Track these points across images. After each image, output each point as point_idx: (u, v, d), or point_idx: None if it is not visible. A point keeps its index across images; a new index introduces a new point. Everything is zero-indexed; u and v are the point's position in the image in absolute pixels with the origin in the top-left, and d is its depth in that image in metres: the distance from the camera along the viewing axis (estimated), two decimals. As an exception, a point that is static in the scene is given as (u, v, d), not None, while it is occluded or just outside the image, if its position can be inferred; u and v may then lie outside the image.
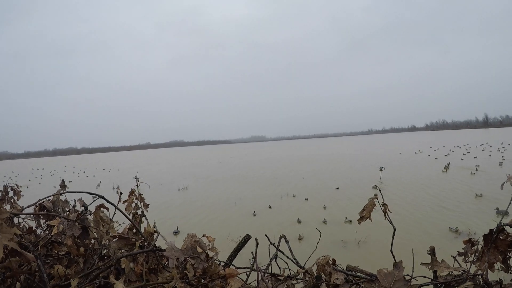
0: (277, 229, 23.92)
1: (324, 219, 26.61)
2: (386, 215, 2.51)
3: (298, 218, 27.33)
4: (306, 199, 34.98)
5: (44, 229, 2.93)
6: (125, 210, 2.98)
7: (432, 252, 2.49)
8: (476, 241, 2.29)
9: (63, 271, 2.27)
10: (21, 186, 3.67)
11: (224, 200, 37.70)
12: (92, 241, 2.49)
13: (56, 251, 2.57)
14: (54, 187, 51.88)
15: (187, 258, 2.31)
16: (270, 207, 32.63)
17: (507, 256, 2.12)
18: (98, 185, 59.17)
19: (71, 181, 64.43)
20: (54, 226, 2.39)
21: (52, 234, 2.47)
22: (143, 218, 3.02)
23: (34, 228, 2.82)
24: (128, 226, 2.67)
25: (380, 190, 2.89)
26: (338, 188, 40.43)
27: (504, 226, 2.11)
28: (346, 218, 26.06)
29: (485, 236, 2.17)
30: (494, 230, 2.12)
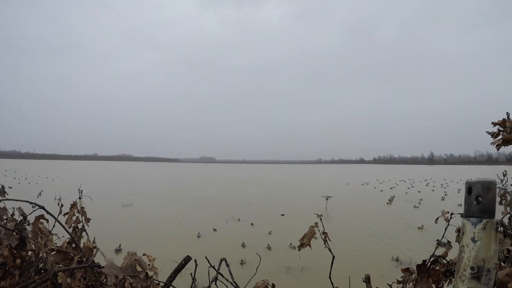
0: (221, 252, 23.64)
1: (268, 244, 26.59)
2: (326, 243, 2.57)
3: (243, 242, 27.18)
4: (252, 224, 34.93)
5: None
6: (66, 223, 2.89)
7: (367, 280, 2.56)
8: (414, 269, 2.39)
9: (-1, 283, 2.16)
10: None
11: (169, 220, 37.04)
12: (29, 253, 2.39)
13: None
14: (-9, 193, 49.34)
15: (126, 277, 2.25)
16: (215, 229, 32.30)
17: (440, 286, 2.22)
18: (40, 194, 56.86)
19: (11, 187, 61.45)
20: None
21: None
22: (84, 233, 2.93)
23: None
24: (67, 240, 2.59)
25: (321, 219, 2.97)
26: (283, 215, 40.63)
27: (437, 257, 2.23)
28: (290, 244, 26.18)
29: (418, 266, 2.28)
30: (427, 260, 2.23)
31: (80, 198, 3.24)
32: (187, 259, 2.68)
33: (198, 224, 34.65)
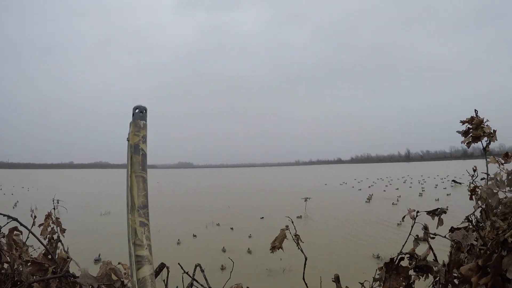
0: (202, 258, 23.58)
1: (249, 248, 26.61)
2: (299, 245, 2.63)
3: (223, 247, 27.14)
4: (231, 228, 34.91)
5: None
6: (41, 234, 2.87)
7: (336, 280, 2.62)
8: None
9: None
10: None
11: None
12: (5, 265, 2.37)
13: None
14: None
15: (101, 286, 2.25)
16: (194, 235, 32.18)
17: (411, 282, 2.28)
18: (15, 205, 55.67)
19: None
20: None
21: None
22: (59, 243, 2.91)
23: None
24: (43, 252, 2.58)
25: (292, 222, 3.02)
26: (263, 218, 40.71)
27: (404, 255, 2.29)
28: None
29: (386, 264, 2.34)
30: (395, 258, 2.29)
31: (55, 208, 3.22)
32: (162, 266, 2.69)
33: (178, 230, 34.45)
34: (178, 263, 2.82)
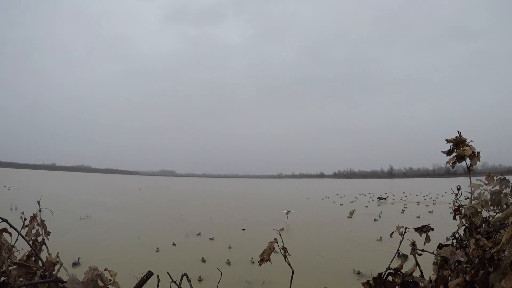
0: (180, 267, 23.27)
1: (228, 259, 26.47)
2: (286, 258, 2.64)
3: (203, 257, 27.00)
4: (211, 239, 34.72)
5: None
6: (26, 236, 2.85)
7: None
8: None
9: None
10: None
11: (128, 233, 36.47)
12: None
13: None
14: None
15: (88, 291, 2.25)
16: (174, 244, 31.96)
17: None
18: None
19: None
20: None
21: None
22: (44, 246, 2.90)
23: None
24: (27, 253, 2.56)
25: (280, 235, 3.02)
26: (244, 229, 40.63)
27: (392, 270, 2.33)
28: (251, 258, 26.15)
29: (374, 278, 2.38)
30: (383, 273, 2.32)
31: (40, 210, 3.20)
32: (149, 274, 2.68)
33: (158, 238, 34.18)
34: (167, 272, 2.81)
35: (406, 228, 2.54)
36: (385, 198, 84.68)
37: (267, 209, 64.76)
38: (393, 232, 2.58)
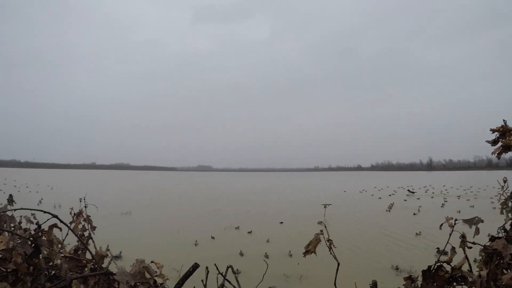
0: (218, 261, 23.49)
1: (266, 253, 26.46)
2: (331, 250, 2.62)
3: (241, 251, 27.07)
4: (249, 232, 34.81)
5: None
6: (72, 231, 2.95)
7: (374, 285, 2.62)
8: (416, 278, 2.44)
9: (9, 290, 2.21)
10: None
11: (167, 228, 37.01)
12: (41, 260, 2.45)
13: (1, 268, 2.48)
14: (-3, 200, 49.44)
15: (137, 283, 2.32)
16: (213, 237, 32.21)
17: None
18: (40, 202, 56.79)
19: (12, 195, 61.37)
20: (1, 242, 2.34)
21: (-2, 250, 2.41)
22: (90, 240, 3.00)
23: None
24: (74, 248, 2.66)
25: (325, 227, 2.99)
26: (282, 223, 40.59)
27: (441, 263, 2.29)
28: (289, 252, 26.11)
29: (423, 271, 2.34)
30: (433, 266, 2.28)
31: (86, 206, 3.31)
32: (195, 267, 2.75)
33: (196, 232, 34.51)
34: (215, 264, 2.87)
35: (456, 220, 2.47)
36: (413, 192, 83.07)
37: (304, 202, 64.39)
38: (442, 224, 2.52)
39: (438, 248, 26.69)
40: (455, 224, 2.42)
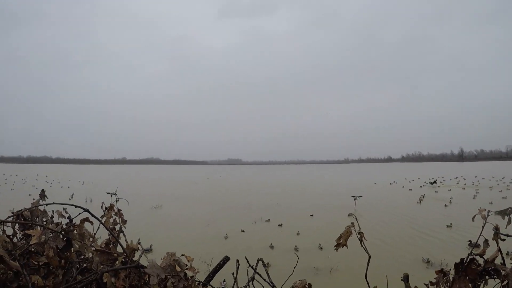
0: (249, 254, 23.66)
1: (296, 246, 26.43)
2: (362, 243, 2.57)
3: (271, 244, 27.17)
4: (280, 225, 34.86)
5: (20, 238, 2.84)
6: (104, 225, 2.97)
7: (405, 279, 2.56)
8: (448, 271, 2.38)
9: (42, 283, 2.24)
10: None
11: (197, 221, 37.40)
12: (72, 253, 2.47)
13: (33, 261, 2.51)
14: (30, 195, 50.97)
15: (168, 276, 2.32)
16: (243, 230, 32.41)
17: (477, 284, 2.20)
18: (72, 196, 58.38)
19: (44, 190, 63.14)
20: (33, 236, 2.37)
21: (31, 243, 2.44)
22: (121, 234, 3.02)
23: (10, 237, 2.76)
24: (105, 241, 2.67)
25: (356, 219, 2.95)
26: (312, 215, 40.50)
27: (474, 256, 2.21)
28: (319, 244, 26.04)
29: (456, 264, 2.26)
30: (465, 259, 2.21)
31: (117, 201, 3.33)
32: (226, 260, 2.75)
33: (226, 225, 34.78)
34: (245, 257, 2.86)
35: (489, 212, 2.39)
36: (435, 182, 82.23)
37: (334, 195, 64.15)
38: (475, 216, 2.43)
39: (470, 241, 26.17)
40: (488, 215, 2.32)
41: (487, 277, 2.24)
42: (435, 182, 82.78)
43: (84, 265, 2.50)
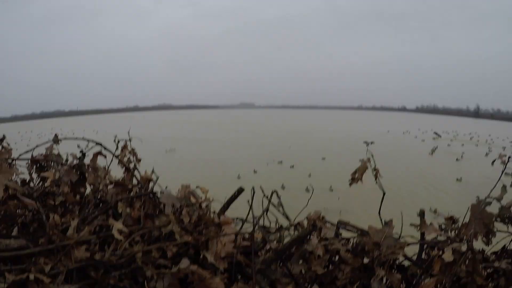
0: (261, 193, 24.00)
1: (307, 187, 26.68)
2: (377, 179, 2.62)
3: (283, 184, 27.43)
4: (292, 167, 35.10)
5: (37, 182, 2.89)
6: (118, 163, 3.02)
7: (422, 214, 2.61)
8: (457, 219, 2.41)
9: (59, 220, 2.30)
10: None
11: (210, 163, 37.75)
12: (88, 190, 2.54)
13: (50, 202, 2.56)
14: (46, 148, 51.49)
15: (183, 205, 2.39)
16: (255, 171, 32.76)
17: (490, 228, 2.23)
18: (86, 146, 58.96)
19: (57, 135, 63.87)
20: (48, 178, 2.43)
21: (46, 185, 2.51)
22: (135, 172, 3.07)
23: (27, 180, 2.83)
24: (120, 178, 2.74)
25: (372, 155, 2.97)
26: (324, 158, 40.70)
27: (491, 200, 2.23)
28: (330, 186, 26.37)
29: (472, 206, 2.27)
30: (482, 201, 2.23)
31: (130, 140, 3.37)
32: (240, 190, 2.82)
33: (239, 166, 34.98)
34: (260, 187, 2.91)
35: (510, 157, 2.40)
36: (440, 135, 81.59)
37: (346, 139, 63.81)
38: (494, 160, 2.45)
39: (478, 196, 26.23)
40: (508, 161, 2.35)
41: (502, 223, 2.27)
42: (440, 136, 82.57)
43: (100, 197, 2.57)
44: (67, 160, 2.93)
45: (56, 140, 3.25)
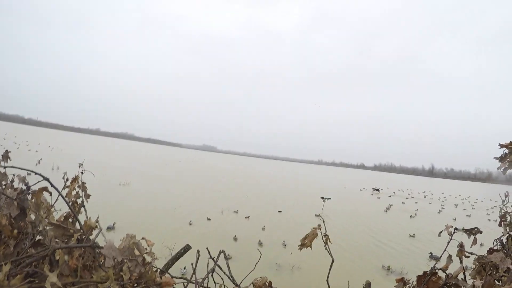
0: (212, 243, 23.57)
1: (260, 240, 26.52)
2: (327, 246, 2.58)
3: (235, 236, 27.17)
4: (247, 217, 34.91)
5: None
6: (66, 197, 2.82)
7: (367, 286, 2.56)
8: (408, 280, 2.41)
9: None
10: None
11: (164, 204, 37.11)
12: (28, 226, 2.33)
13: None
14: (-5, 155, 49.73)
15: (124, 260, 2.19)
16: (208, 219, 32.30)
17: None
18: (39, 162, 57.25)
19: (10, 152, 61.94)
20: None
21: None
22: (82, 209, 2.86)
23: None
24: (64, 214, 2.53)
25: (323, 221, 2.91)
26: (280, 211, 40.68)
27: (437, 270, 2.26)
28: (283, 241, 26.21)
29: (418, 277, 2.33)
30: (428, 272, 2.25)
31: (82, 172, 3.16)
32: (187, 248, 2.65)
33: (193, 211, 34.68)
34: (207, 248, 2.75)
35: (455, 229, 2.41)
36: (378, 190, 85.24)
37: (304, 193, 64.76)
38: (441, 231, 2.45)
39: (431, 253, 26.93)
40: (454, 232, 2.38)
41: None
42: (378, 190, 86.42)
43: (38, 238, 2.35)
44: (12, 182, 2.69)
45: (5, 157, 2.99)
